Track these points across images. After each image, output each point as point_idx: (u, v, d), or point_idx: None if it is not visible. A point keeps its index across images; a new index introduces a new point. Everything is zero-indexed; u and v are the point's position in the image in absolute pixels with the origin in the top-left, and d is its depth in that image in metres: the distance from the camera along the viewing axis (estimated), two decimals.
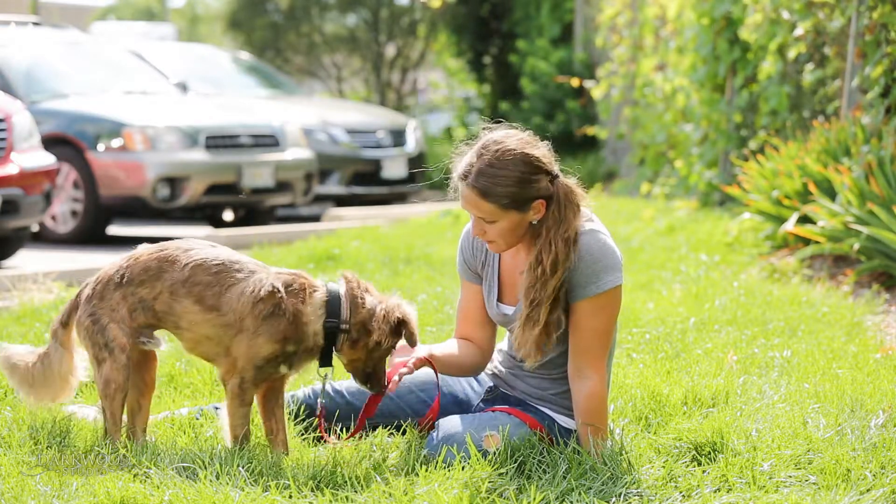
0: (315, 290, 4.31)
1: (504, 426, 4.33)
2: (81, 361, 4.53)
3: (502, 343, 4.68)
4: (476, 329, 4.60)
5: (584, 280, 4.30)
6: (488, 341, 4.62)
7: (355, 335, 4.30)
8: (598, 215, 4.47)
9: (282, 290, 4.27)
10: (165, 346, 4.48)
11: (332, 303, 4.30)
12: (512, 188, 4.23)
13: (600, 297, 4.31)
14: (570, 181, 4.36)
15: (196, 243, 4.41)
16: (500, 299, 4.53)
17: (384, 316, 4.29)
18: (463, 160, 4.32)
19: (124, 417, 4.49)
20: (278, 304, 4.26)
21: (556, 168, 4.33)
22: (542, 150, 4.31)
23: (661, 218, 12.32)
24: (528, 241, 4.37)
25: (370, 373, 4.37)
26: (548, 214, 4.28)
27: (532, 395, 4.56)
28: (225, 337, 4.29)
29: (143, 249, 4.43)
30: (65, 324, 4.48)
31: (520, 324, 4.34)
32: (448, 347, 4.59)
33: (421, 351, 4.49)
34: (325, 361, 4.37)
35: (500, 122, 4.41)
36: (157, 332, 4.44)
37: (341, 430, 4.66)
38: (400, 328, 4.30)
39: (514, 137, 4.30)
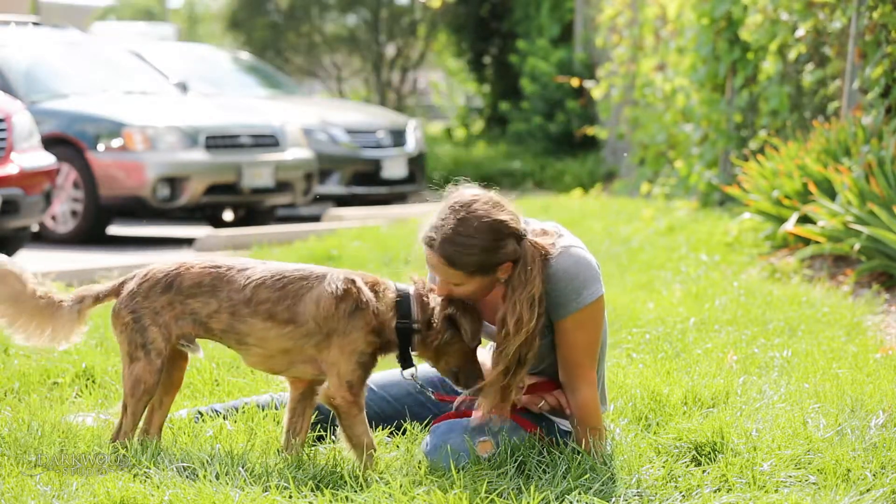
0: (387, 289, 4.30)
1: (499, 430, 4.32)
2: (80, 335, 4.42)
3: None
4: None
5: (563, 299, 4.27)
6: None
7: (425, 334, 4.28)
8: (597, 215, 4.46)
9: (358, 283, 4.26)
10: (202, 353, 4.46)
11: (403, 303, 4.28)
12: (478, 257, 4.16)
13: (583, 311, 4.28)
14: (536, 225, 4.30)
15: (247, 262, 4.38)
16: None
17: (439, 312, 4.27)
18: (428, 221, 4.24)
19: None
20: (358, 299, 4.24)
21: (522, 227, 4.23)
22: (508, 212, 4.21)
23: (661, 218, 12.31)
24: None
25: (456, 371, 4.32)
26: (514, 274, 4.21)
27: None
28: (307, 346, 4.26)
29: (194, 260, 4.39)
30: (98, 299, 4.41)
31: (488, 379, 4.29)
32: None
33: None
34: (406, 363, 4.34)
35: (464, 180, 4.32)
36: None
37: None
38: (454, 322, 4.26)
39: (480, 201, 4.20)
